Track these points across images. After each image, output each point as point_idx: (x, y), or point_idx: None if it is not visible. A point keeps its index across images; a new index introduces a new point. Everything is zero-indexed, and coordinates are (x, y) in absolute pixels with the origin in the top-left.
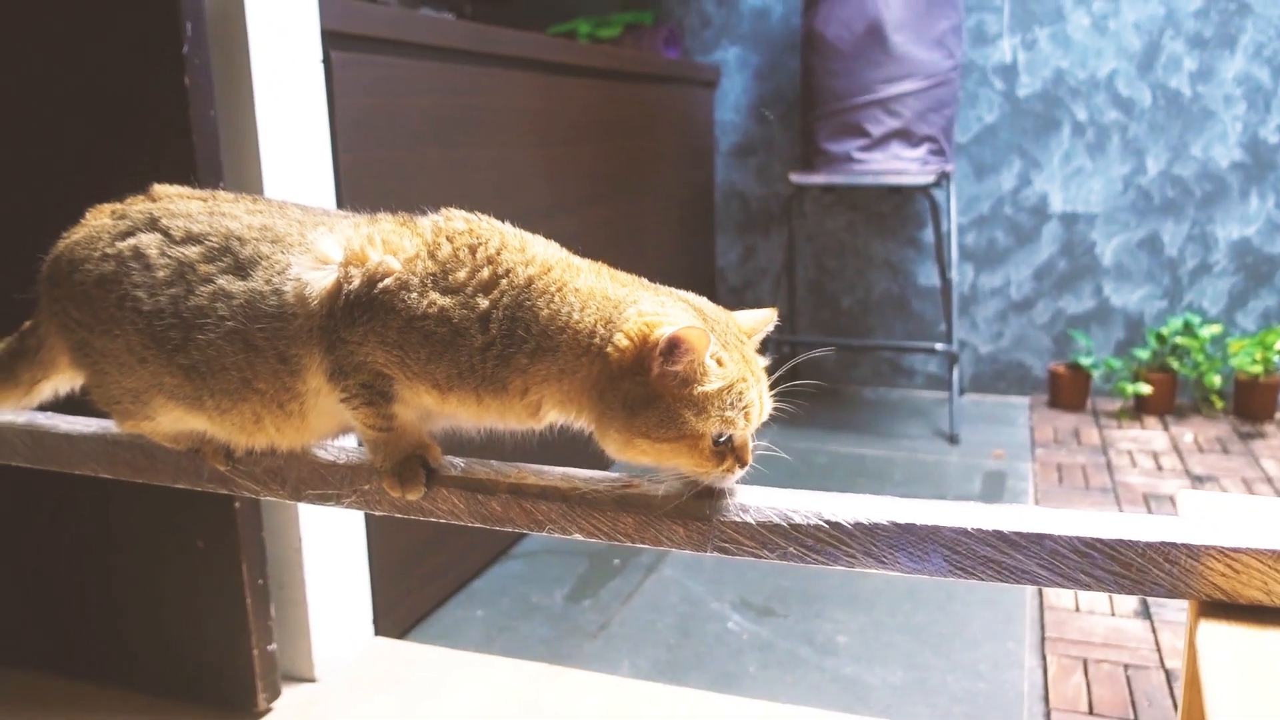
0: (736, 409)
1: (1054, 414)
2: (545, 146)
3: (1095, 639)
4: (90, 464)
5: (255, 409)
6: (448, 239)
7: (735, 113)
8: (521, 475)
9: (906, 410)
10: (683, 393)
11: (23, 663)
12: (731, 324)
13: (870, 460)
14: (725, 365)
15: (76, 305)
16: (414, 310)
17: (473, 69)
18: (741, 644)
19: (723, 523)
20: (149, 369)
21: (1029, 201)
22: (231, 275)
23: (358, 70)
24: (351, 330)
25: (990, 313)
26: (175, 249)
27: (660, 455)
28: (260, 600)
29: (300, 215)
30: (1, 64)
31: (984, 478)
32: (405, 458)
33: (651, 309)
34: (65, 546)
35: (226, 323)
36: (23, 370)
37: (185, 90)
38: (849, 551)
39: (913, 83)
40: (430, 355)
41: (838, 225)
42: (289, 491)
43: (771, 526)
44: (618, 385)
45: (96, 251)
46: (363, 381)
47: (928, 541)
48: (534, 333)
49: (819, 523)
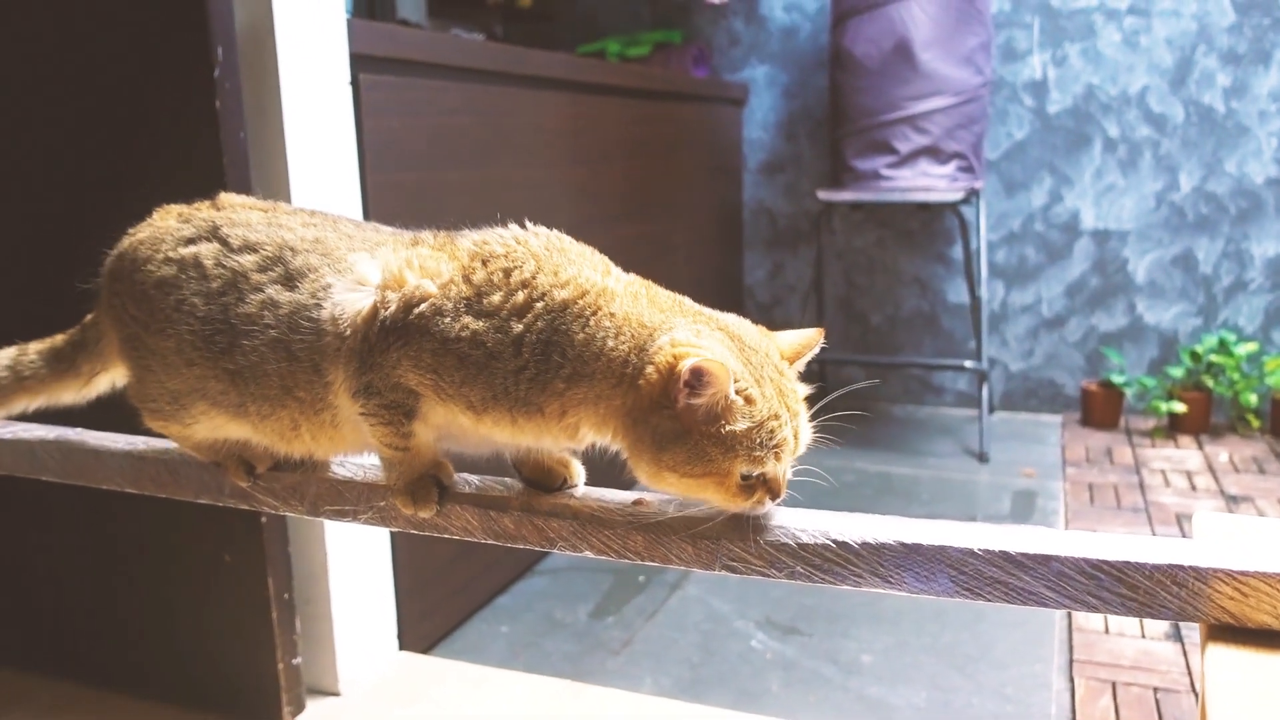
0: (766, 448)
1: (1086, 433)
2: (574, 166)
3: (1124, 661)
4: (117, 479)
5: (294, 416)
6: (483, 262)
7: (763, 130)
8: (533, 493)
9: (935, 428)
10: (709, 430)
11: (51, 672)
12: (771, 353)
13: (898, 478)
14: (755, 403)
15: (135, 302)
16: (448, 334)
17: (501, 90)
18: (765, 662)
19: (730, 542)
20: (195, 372)
21: (1060, 218)
22: (280, 285)
23: (386, 92)
24: (385, 354)
25: (1021, 330)
26: (232, 258)
27: (688, 489)
28: (286, 614)
29: (352, 230)
30: (41, 86)
31: (1014, 497)
32: (419, 476)
33: (685, 338)
34: (93, 558)
35: (271, 331)
36: (83, 361)
37: (216, 113)
38: (856, 571)
39: (941, 99)
40: (465, 378)
41: (867, 242)
42: (307, 507)
43: (779, 546)
44: (648, 418)
45: (159, 254)
46: (389, 402)
47: (934, 562)
48: (569, 358)
49: (826, 542)
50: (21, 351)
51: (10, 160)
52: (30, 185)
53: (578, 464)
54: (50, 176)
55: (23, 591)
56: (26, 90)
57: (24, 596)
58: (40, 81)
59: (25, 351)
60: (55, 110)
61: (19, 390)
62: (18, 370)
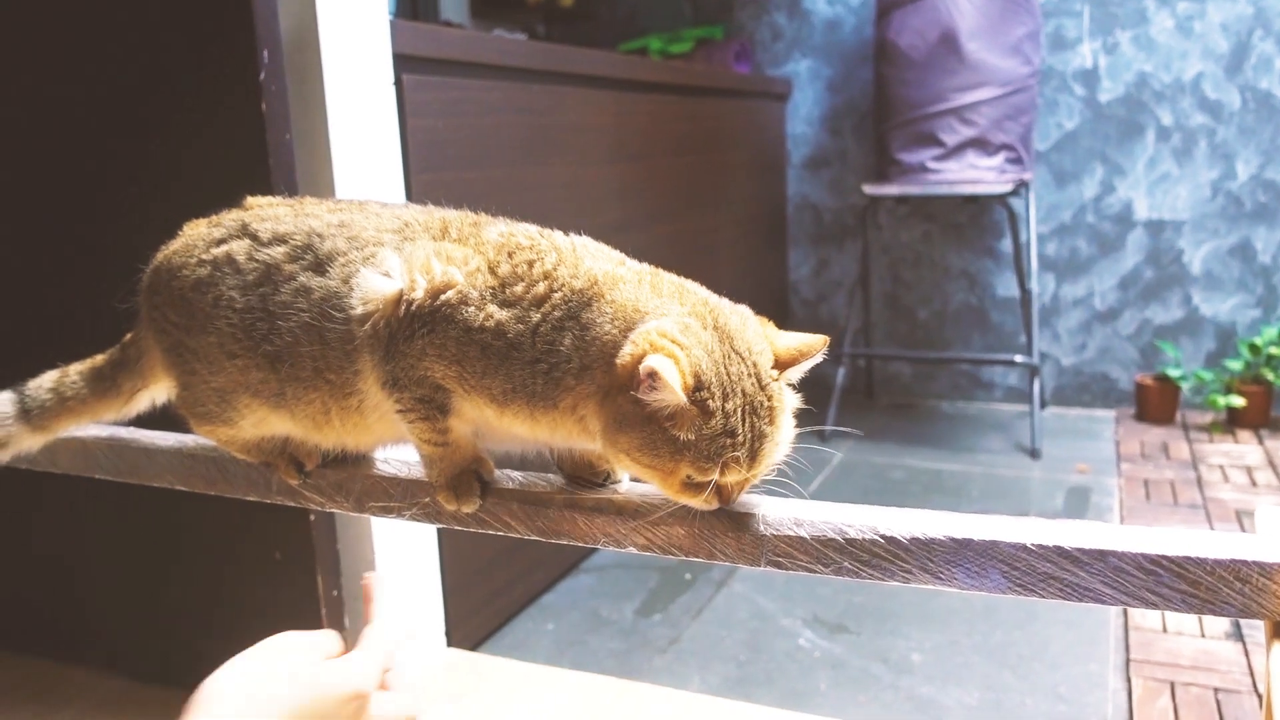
0: (712, 461)
1: (1141, 428)
2: (617, 163)
3: (1183, 661)
4: (167, 476)
5: (325, 400)
6: (509, 254)
7: (807, 125)
8: (576, 489)
9: (985, 424)
10: (664, 425)
11: (102, 668)
12: (761, 361)
13: (948, 475)
14: (711, 416)
15: (174, 309)
16: (472, 323)
17: (544, 88)
18: (813, 661)
19: (776, 536)
20: (237, 364)
21: (1112, 209)
22: (311, 272)
23: (429, 92)
24: (410, 343)
25: (1073, 324)
26: (263, 251)
27: (640, 474)
28: (335, 612)
29: (379, 209)
30: (84, 92)
31: (1067, 493)
32: (460, 472)
33: (669, 329)
34: (143, 555)
35: (304, 315)
36: (124, 380)
37: (262, 116)
38: (905, 567)
39: (988, 90)
40: (486, 369)
41: (913, 236)
42: (353, 504)
43: (826, 541)
44: (615, 397)
45: (193, 258)
46: (420, 396)
47: (985, 557)
48: (576, 348)
49: (874, 537)
50: (63, 374)
51: (52, 167)
52: (71, 193)
53: None
54: (93, 184)
55: (72, 587)
56: (69, 96)
57: (73, 592)
58: (83, 87)
59: (66, 374)
60: (98, 116)
61: (62, 412)
62: (60, 392)
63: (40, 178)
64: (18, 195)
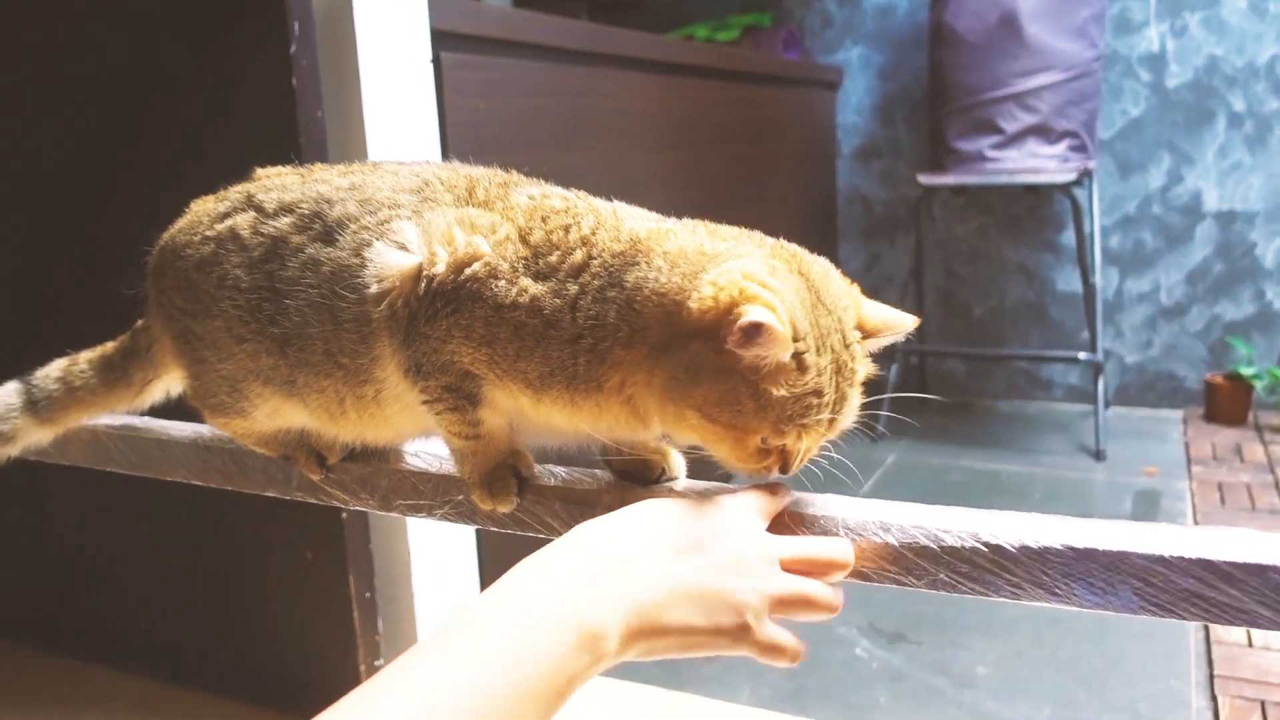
0: (794, 422)
1: (1211, 429)
2: (661, 150)
3: (1273, 678)
4: (182, 470)
5: (339, 388)
6: (542, 219)
7: (858, 114)
8: (627, 487)
9: (1045, 424)
10: (750, 379)
11: (131, 668)
12: (846, 319)
13: (1007, 477)
14: (806, 372)
15: (180, 292)
16: (503, 299)
17: (586, 70)
18: (871, 672)
19: (859, 542)
20: (247, 349)
21: (1180, 200)
22: (320, 243)
23: (469, 71)
24: (433, 324)
25: (1138, 320)
26: (269, 224)
27: (704, 434)
28: (368, 614)
29: (395, 168)
30: (108, 66)
31: (1135, 497)
32: (495, 467)
33: (758, 272)
34: (172, 554)
35: (313, 291)
36: (135, 370)
37: (293, 91)
38: (1012, 580)
39: (1050, 75)
40: (520, 350)
41: (968, 229)
42: (379, 501)
43: (919, 549)
44: (687, 344)
45: (197, 236)
46: (447, 384)
47: (1113, 571)
48: (623, 316)
49: (976, 545)
50: (72, 362)
51: (73, 149)
52: (93, 174)
53: (676, 454)
54: (116, 163)
55: (98, 585)
56: (91, 74)
57: (99, 590)
58: (104, 62)
59: (76, 362)
60: (120, 92)
61: (71, 404)
62: (69, 382)
63: (62, 157)
64: (37, 174)
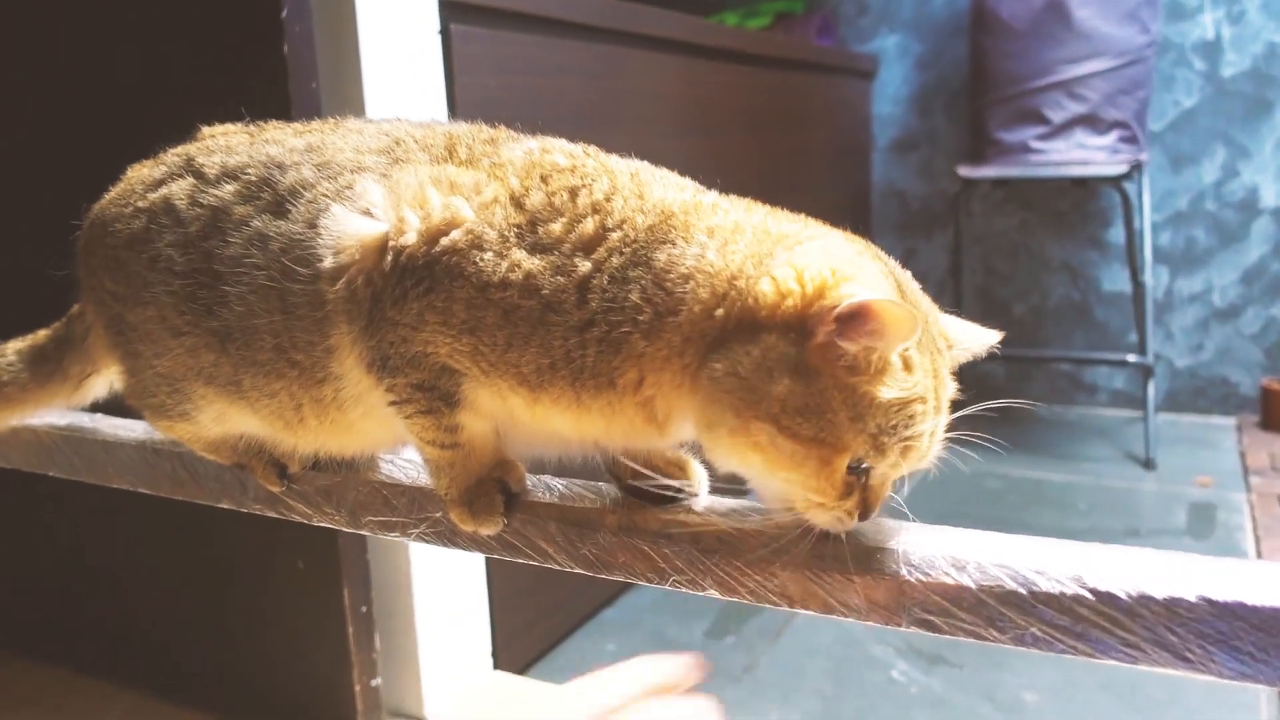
0: (896, 436)
1: (1269, 437)
2: (685, 137)
3: None
4: (129, 476)
5: (293, 391)
6: (542, 179)
7: (895, 105)
8: (638, 504)
9: (1089, 430)
10: (847, 380)
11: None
12: (934, 322)
13: (1050, 486)
14: (914, 372)
15: (109, 274)
16: (489, 276)
17: (610, 49)
18: (909, 698)
19: (926, 584)
20: (184, 344)
21: (1235, 195)
22: (269, 215)
23: (481, 45)
24: (402, 307)
25: (1189, 322)
26: (209, 193)
27: (777, 458)
28: (364, 629)
29: (361, 125)
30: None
31: (1189, 510)
32: (477, 481)
33: (844, 253)
34: (154, 560)
35: (259, 274)
36: (70, 361)
37: (284, 59)
38: (1129, 640)
39: (1100, 61)
40: (511, 339)
41: (1009, 225)
42: (346, 517)
43: (1003, 594)
44: (755, 339)
45: (128, 208)
46: (418, 381)
47: (1268, 633)
48: (651, 299)
49: (1079, 592)
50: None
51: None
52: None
53: (697, 465)
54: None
55: (89, 591)
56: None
57: (91, 597)
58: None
59: (3, 352)
60: (96, 58)
61: None
62: None
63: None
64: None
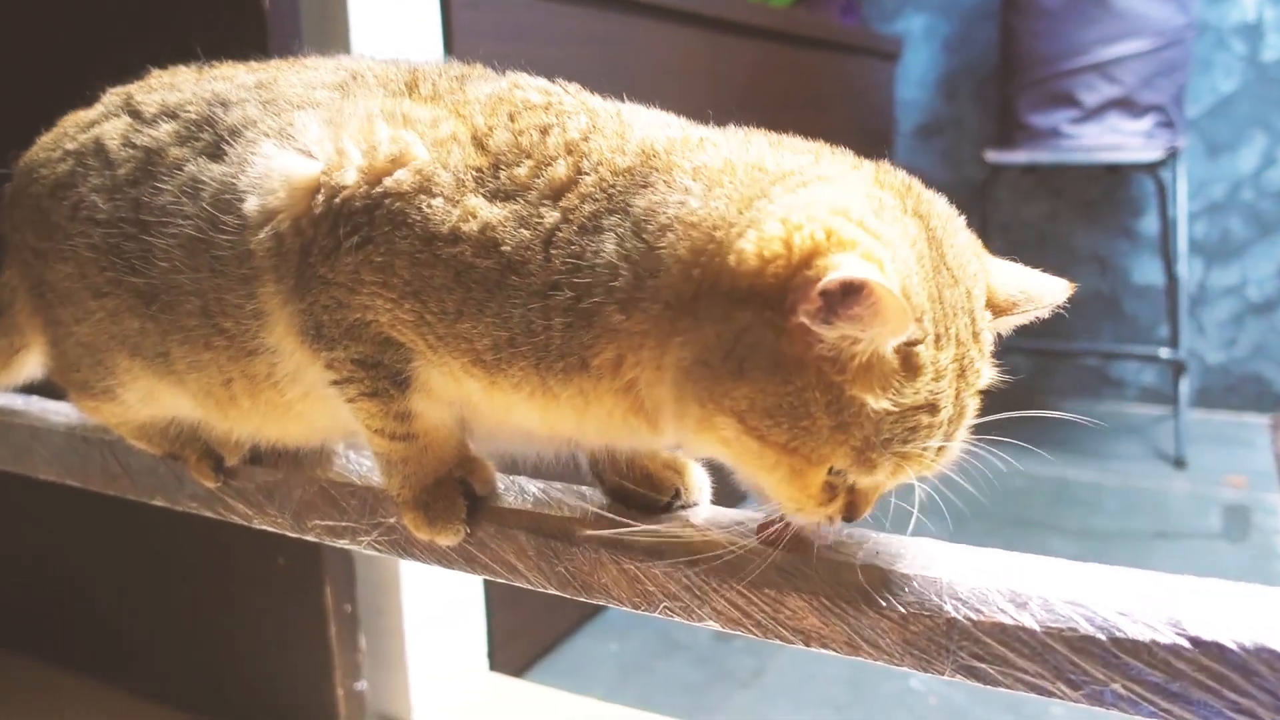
0: (891, 450)
1: None
2: (699, 115)
3: None
4: (57, 467)
5: (222, 363)
6: (509, 117)
7: (920, 89)
8: (625, 514)
9: (1117, 426)
10: (830, 375)
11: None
12: (976, 290)
13: (1076, 485)
14: (918, 374)
15: (32, 227)
16: (438, 226)
17: (621, 19)
18: (927, 709)
19: (976, 624)
20: (106, 306)
21: (1274, 185)
22: (205, 158)
23: (482, 11)
24: (335, 262)
25: (1222, 316)
26: (144, 133)
27: (743, 456)
28: (347, 630)
29: (319, 61)
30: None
31: (1222, 511)
32: (436, 481)
33: (855, 207)
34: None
35: (186, 224)
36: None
37: (264, 14)
38: (1241, 705)
39: (1137, 42)
40: (463, 307)
41: (1037, 213)
42: (290, 520)
43: (1076, 641)
44: (730, 311)
45: (56, 152)
46: (359, 356)
47: None
48: (625, 257)
49: (1176, 640)
50: None
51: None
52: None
53: (696, 468)
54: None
55: (65, 586)
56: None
57: (68, 592)
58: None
59: None
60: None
61: None
62: None
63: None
64: None
